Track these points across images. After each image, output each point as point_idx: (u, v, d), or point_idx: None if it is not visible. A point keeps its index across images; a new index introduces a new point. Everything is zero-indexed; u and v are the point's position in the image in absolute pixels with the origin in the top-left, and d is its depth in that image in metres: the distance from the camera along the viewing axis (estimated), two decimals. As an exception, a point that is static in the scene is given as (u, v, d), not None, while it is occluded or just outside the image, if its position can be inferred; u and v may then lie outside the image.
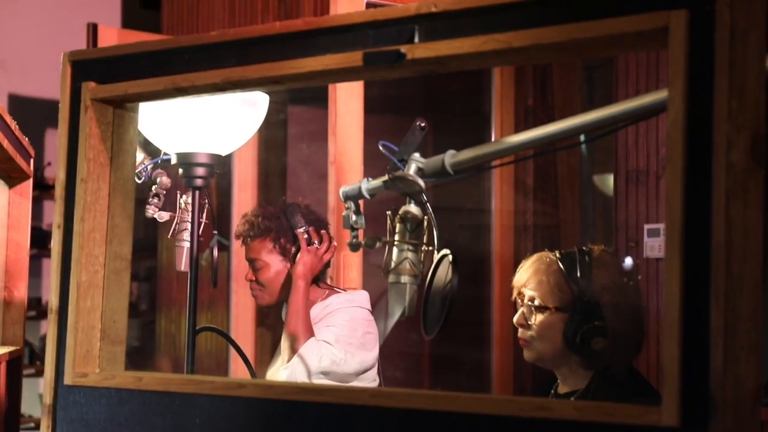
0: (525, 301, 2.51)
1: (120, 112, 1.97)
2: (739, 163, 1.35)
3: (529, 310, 2.50)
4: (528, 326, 2.51)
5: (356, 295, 3.29)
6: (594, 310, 2.42)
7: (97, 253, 1.95)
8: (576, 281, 2.44)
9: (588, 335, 2.41)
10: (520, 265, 2.58)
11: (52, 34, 7.78)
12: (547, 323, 2.47)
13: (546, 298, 2.47)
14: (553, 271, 2.48)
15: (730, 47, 1.35)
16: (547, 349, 2.49)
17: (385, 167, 2.26)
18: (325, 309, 3.23)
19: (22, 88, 7.76)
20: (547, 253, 2.55)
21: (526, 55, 1.57)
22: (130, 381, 1.86)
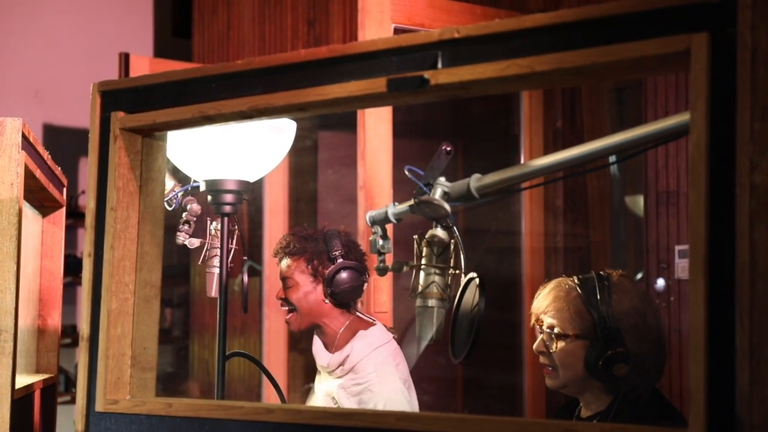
0: (544, 329, 2.50)
1: (148, 141, 2.00)
2: (762, 185, 1.35)
3: (549, 338, 2.49)
4: (548, 354, 2.50)
5: (371, 336, 3.30)
6: (615, 336, 2.41)
7: (127, 281, 1.97)
8: (596, 307, 2.43)
9: (610, 361, 2.40)
10: (538, 291, 2.58)
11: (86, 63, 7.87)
12: (568, 351, 2.46)
13: (566, 326, 2.46)
14: (572, 298, 2.47)
15: (752, 69, 1.36)
16: (569, 376, 2.48)
17: (413, 191, 2.27)
18: (348, 361, 3.25)
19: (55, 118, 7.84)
20: (565, 279, 2.54)
21: (548, 79, 1.58)
22: (160, 407, 1.87)
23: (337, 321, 3.31)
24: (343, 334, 3.30)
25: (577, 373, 2.46)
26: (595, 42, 1.49)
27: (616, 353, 2.40)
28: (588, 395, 2.50)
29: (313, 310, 3.30)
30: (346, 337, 3.30)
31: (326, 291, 3.27)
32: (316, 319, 3.32)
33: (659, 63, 1.48)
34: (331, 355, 3.29)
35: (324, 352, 3.33)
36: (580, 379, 2.47)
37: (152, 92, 1.95)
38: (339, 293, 3.26)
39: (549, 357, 2.50)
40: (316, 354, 3.35)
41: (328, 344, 3.33)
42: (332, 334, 3.31)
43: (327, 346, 3.34)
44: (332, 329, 3.31)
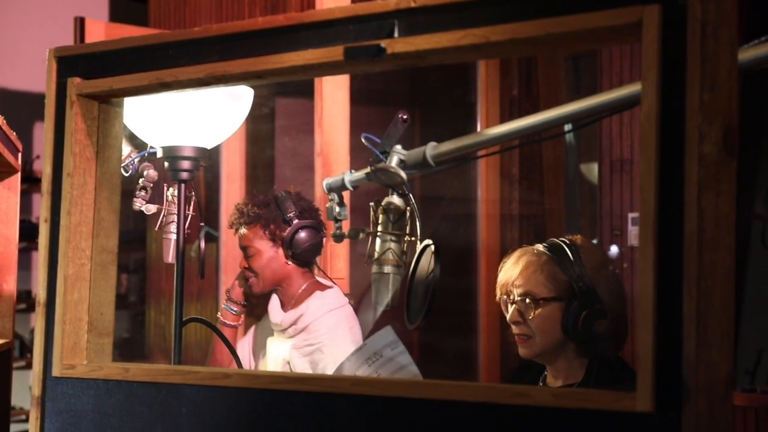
0: (516, 298, 2.49)
1: (105, 107, 1.99)
2: (711, 155, 1.38)
3: (524, 306, 2.48)
4: (524, 322, 2.49)
5: (327, 298, 3.33)
6: (591, 294, 2.42)
7: (84, 247, 1.97)
8: (569, 267, 2.45)
9: (589, 319, 2.41)
10: (502, 263, 2.58)
11: (40, 27, 7.78)
12: (545, 315, 2.46)
13: (541, 290, 2.47)
14: (543, 262, 2.48)
15: (702, 41, 1.38)
16: (547, 342, 2.48)
17: (369, 159, 2.28)
18: (301, 320, 3.27)
19: (9, 82, 7.76)
20: (528, 247, 2.55)
21: (503, 49, 1.59)
22: (117, 372, 1.88)
23: (297, 282, 3.35)
24: (300, 295, 3.33)
25: (555, 337, 2.47)
26: (549, 13, 1.51)
27: (594, 310, 2.41)
28: (561, 362, 2.51)
29: (276, 274, 3.33)
30: (303, 297, 3.33)
31: (287, 253, 3.30)
32: (279, 282, 3.35)
33: (612, 34, 1.50)
34: (285, 313, 3.32)
35: (279, 310, 3.36)
36: (557, 344, 2.48)
37: (109, 58, 1.95)
38: (299, 253, 3.29)
39: (525, 326, 2.49)
40: (270, 311, 3.38)
41: (285, 303, 3.36)
42: (291, 294, 3.35)
43: (283, 305, 3.36)
44: (292, 289, 3.34)
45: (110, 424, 1.87)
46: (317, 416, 1.68)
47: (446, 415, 1.56)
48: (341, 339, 3.26)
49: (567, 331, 2.44)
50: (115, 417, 1.87)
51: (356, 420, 1.65)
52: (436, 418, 1.58)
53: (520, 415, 1.49)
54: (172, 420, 1.80)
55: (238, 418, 1.75)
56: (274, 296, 3.39)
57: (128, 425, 1.85)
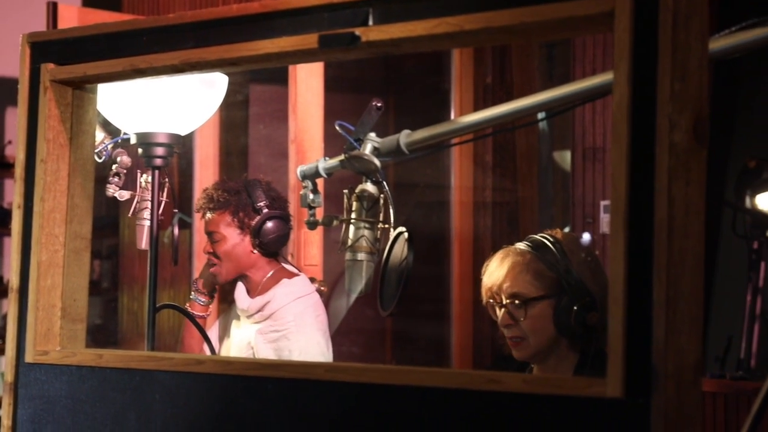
0: (506, 301, 2.46)
1: (79, 93, 1.99)
2: (681, 143, 1.39)
3: (515, 308, 2.45)
4: (516, 324, 2.46)
5: (294, 286, 3.33)
6: (580, 287, 2.41)
7: (57, 233, 1.97)
8: (555, 263, 2.43)
9: (581, 313, 2.39)
10: (485, 266, 2.54)
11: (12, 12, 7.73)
12: (537, 315, 2.44)
13: (530, 290, 2.44)
14: (528, 261, 2.45)
15: (673, 31, 1.39)
16: (541, 342, 2.45)
17: (343, 146, 2.29)
18: (267, 307, 3.27)
19: (-19, 66, 7.70)
20: (510, 247, 2.51)
21: (477, 37, 1.60)
22: (90, 358, 1.89)
23: (263, 270, 3.35)
24: (266, 282, 3.34)
25: (549, 335, 2.44)
26: (523, 2, 1.52)
27: (584, 303, 2.40)
28: (552, 359, 2.48)
29: (241, 261, 3.33)
30: (269, 284, 3.33)
31: (254, 242, 3.30)
32: (244, 270, 3.35)
33: (585, 23, 1.51)
34: (252, 299, 3.32)
35: (245, 296, 3.36)
36: (550, 342, 2.45)
37: (83, 44, 1.94)
38: (267, 243, 3.29)
39: (517, 328, 2.46)
40: (237, 298, 3.38)
41: (251, 290, 3.36)
42: (257, 282, 3.35)
43: (249, 292, 3.37)
44: (258, 277, 3.34)
45: (83, 410, 1.88)
46: (290, 402, 1.69)
47: (419, 402, 1.58)
48: (307, 327, 3.26)
49: (560, 327, 2.42)
50: (88, 403, 1.88)
51: (329, 406, 1.66)
52: (408, 404, 1.59)
53: (492, 401, 1.51)
54: (145, 406, 1.81)
55: (211, 404, 1.76)
56: (240, 283, 3.39)
57: (101, 411, 1.86)
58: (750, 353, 3.98)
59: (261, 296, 3.31)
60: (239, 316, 3.41)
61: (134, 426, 1.82)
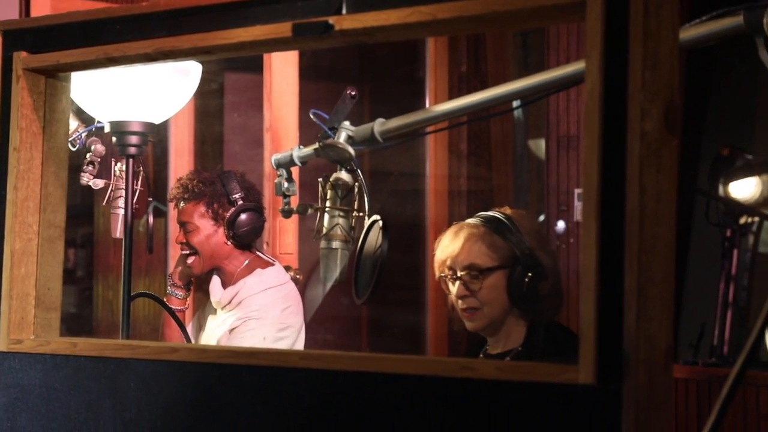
0: (460, 273, 2.52)
1: (52, 82, 1.99)
2: (652, 132, 1.40)
3: (471, 279, 2.51)
4: (471, 295, 2.52)
5: (265, 276, 3.33)
6: (533, 258, 2.47)
7: (31, 222, 1.97)
8: (509, 236, 2.49)
9: (534, 282, 2.46)
10: (438, 241, 2.60)
11: (-16, -1, 7.67)
12: (492, 285, 2.50)
13: (485, 260, 2.50)
14: (482, 233, 2.51)
15: (644, 20, 1.40)
16: (495, 312, 2.52)
17: (318, 135, 2.29)
18: (237, 296, 3.28)
19: (-47, 54, 7.65)
20: (463, 222, 2.58)
21: (450, 26, 1.61)
22: (65, 347, 1.89)
23: (236, 260, 3.34)
24: (240, 272, 3.33)
25: (502, 305, 2.51)
26: (495, -9, 1.53)
27: (537, 272, 2.47)
28: (503, 331, 2.54)
29: (215, 252, 3.32)
30: (242, 274, 3.33)
31: (228, 233, 3.29)
32: (218, 261, 3.34)
33: (557, 12, 1.52)
34: (224, 290, 3.32)
35: (218, 288, 3.36)
36: (503, 312, 2.52)
37: (56, 32, 1.94)
38: (240, 235, 3.29)
39: (472, 298, 2.52)
40: (211, 290, 3.38)
41: (225, 282, 3.36)
42: (231, 273, 3.34)
43: (223, 284, 3.36)
44: (231, 268, 3.34)
45: (58, 399, 1.88)
46: (265, 390, 1.69)
47: (393, 389, 1.59)
48: (268, 320, 3.25)
49: (513, 296, 2.49)
50: (62, 391, 1.88)
51: (304, 393, 1.67)
52: (382, 391, 1.60)
53: (465, 388, 1.52)
54: (120, 394, 1.81)
55: (186, 392, 1.76)
56: (215, 276, 3.39)
57: (76, 399, 1.86)
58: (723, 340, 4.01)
59: (232, 286, 3.31)
60: (215, 309, 3.41)
61: (109, 414, 1.82)
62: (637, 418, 1.37)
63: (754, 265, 4.12)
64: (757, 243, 4.14)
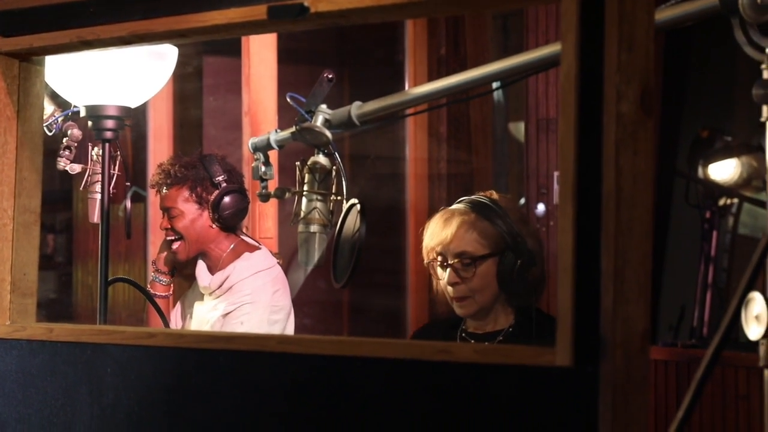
0: (453, 260, 2.50)
1: (26, 66, 1.97)
2: (628, 114, 1.40)
3: (463, 267, 2.50)
4: (463, 282, 2.51)
5: (254, 260, 3.32)
6: (522, 244, 2.48)
7: (6, 207, 1.96)
8: (499, 223, 2.49)
9: (523, 269, 2.47)
10: (426, 227, 2.58)
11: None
12: (484, 272, 2.49)
13: (477, 248, 2.49)
14: (473, 220, 2.50)
15: (620, 1, 1.40)
16: (486, 298, 2.52)
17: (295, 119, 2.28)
18: (227, 281, 3.27)
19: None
20: (452, 208, 2.56)
21: (426, 8, 1.61)
22: (41, 332, 1.88)
23: (222, 244, 3.33)
24: (227, 257, 3.32)
25: (493, 292, 2.51)
26: (471, -28, 1.52)
27: (526, 259, 2.47)
28: (491, 315, 2.55)
29: (200, 236, 3.31)
30: (230, 259, 3.32)
31: (213, 216, 3.28)
32: (203, 246, 3.33)
33: (533, -6, 1.52)
34: (212, 276, 3.31)
35: (206, 273, 3.35)
36: (493, 298, 2.52)
37: (29, 15, 1.92)
38: (226, 217, 3.28)
39: (463, 286, 2.51)
40: (198, 276, 3.36)
41: (212, 267, 3.35)
42: (217, 258, 3.33)
43: (210, 269, 3.35)
44: (217, 252, 3.33)
45: (34, 384, 1.87)
46: (243, 375, 1.69)
47: (370, 373, 1.59)
48: (261, 303, 3.26)
49: (503, 283, 2.49)
50: (39, 377, 1.87)
51: (282, 378, 1.67)
52: (361, 375, 1.60)
53: (443, 371, 1.52)
54: (97, 379, 1.81)
55: (163, 377, 1.76)
56: (200, 262, 3.37)
57: (53, 385, 1.85)
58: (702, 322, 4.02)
59: (221, 271, 3.29)
60: (202, 294, 3.40)
61: (86, 400, 1.82)
62: (615, 400, 1.37)
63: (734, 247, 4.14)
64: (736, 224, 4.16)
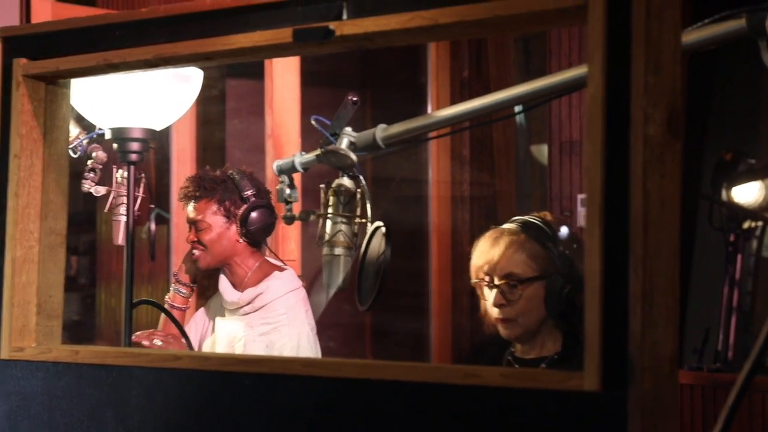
0: (499, 281, 2.46)
1: (52, 88, 1.98)
2: (655, 137, 1.40)
3: (509, 288, 2.45)
4: (508, 305, 2.46)
5: (286, 279, 3.32)
6: (571, 267, 2.42)
7: (32, 229, 1.96)
8: (549, 245, 2.44)
9: (572, 294, 2.40)
10: (475, 245, 2.53)
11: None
12: (531, 295, 2.45)
13: (525, 270, 2.45)
14: (522, 241, 2.45)
15: (646, 23, 1.40)
16: (532, 321, 2.47)
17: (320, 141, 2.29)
18: (259, 299, 3.26)
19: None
20: (503, 227, 2.51)
21: (451, 31, 1.60)
22: (66, 354, 1.88)
23: (248, 261, 3.33)
24: (254, 274, 3.32)
25: (539, 315, 2.46)
26: (497, -5, 1.52)
27: (575, 283, 2.40)
28: (538, 339, 2.50)
29: (226, 250, 3.31)
30: (258, 276, 3.32)
31: (241, 231, 3.28)
32: (228, 259, 3.32)
33: (559, 16, 1.51)
34: (241, 293, 3.31)
35: (232, 290, 3.34)
36: (539, 322, 2.47)
37: (56, 39, 1.93)
38: (254, 232, 3.28)
39: (509, 308, 2.47)
40: (223, 291, 3.36)
41: (236, 284, 3.34)
42: (242, 274, 3.33)
43: (234, 286, 3.35)
44: (243, 269, 3.33)
45: (60, 407, 1.87)
46: (268, 398, 1.68)
47: (397, 396, 1.58)
48: (298, 321, 3.26)
49: (551, 308, 2.43)
50: (64, 399, 1.87)
51: (307, 401, 1.66)
52: (387, 399, 1.59)
53: (470, 395, 1.51)
54: (122, 402, 1.80)
55: (188, 400, 1.75)
56: (223, 277, 3.37)
57: (78, 408, 1.85)
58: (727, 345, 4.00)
59: (252, 288, 3.29)
60: (223, 310, 3.40)
61: (111, 422, 1.81)
62: (643, 426, 1.36)
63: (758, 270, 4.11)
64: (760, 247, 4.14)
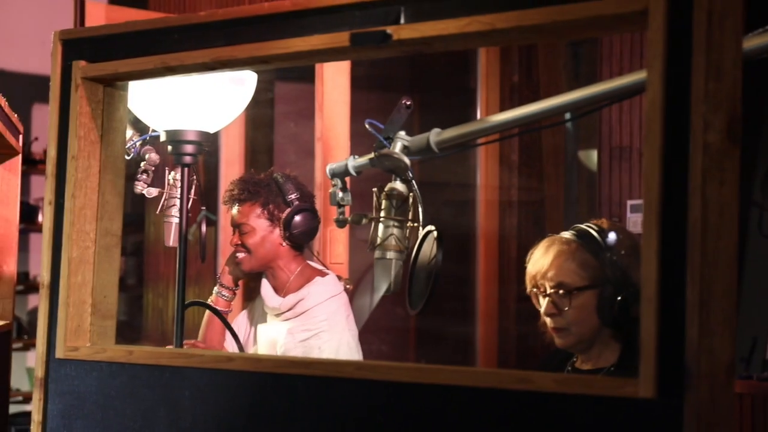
0: (550, 290, 2.45)
1: (110, 91, 2.00)
2: (715, 143, 1.39)
3: (559, 297, 2.44)
4: (560, 314, 2.44)
5: (328, 285, 3.32)
6: (625, 277, 2.38)
7: (88, 230, 1.98)
8: (600, 254, 2.41)
9: (625, 304, 2.36)
10: (529, 254, 2.51)
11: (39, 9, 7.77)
12: (581, 305, 2.42)
13: (575, 280, 2.42)
14: (574, 250, 2.43)
15: (708, 30, 1.39)
16: (584, 331, 2.44)
17: (371, 144, 2.29)
18: (300, 304, 3.27)
19: (7, 64, 7.74)
20: (556, 236, 2.49)
21: (508, 36, 1.60)
22: (120, 354, 1.90)
23: (290, 265, 3.34)
24: (295, 279, 3.33)
25: (592, 325, 2.43)
26: (555, 0, 1.52)
27: (629, 293, 2.37)
28: (595, 348, 2.48)
29: (269, 253, 3.32)
30: (299, 282, 3.32)
31: (284, 234, 3.29)
32: (271, 262, 3.33)
33: (617, 22, 1.51)
34: (282, 298, 3.31)
35: (273, 294, 3.35)
36: (593, 332, 2.44)
37: (114, 42, 1.95)
38: (297, 235, 3.29)
39: (560, 318, 2.45)
40: (265, 296, 3.37)
41: (278, 288, 3.35)
42: (284, 279, 3.33)
43: (276, 290, 3.35)
44: (285, 273, 3.33)
45: (113, 406, 1.89)
46: (320, 400, 1.69)
47: (448, 401, 1.58)
48: (339, 327, 3.26)
49: (604, 318, 2.41)
50: (118, 399, 1.88)
51: (358, 404, 1.66)
52: (438, 403, 1.59)
53: (523, 401, 1.51)
54: (175, 402, 1.82)
55: (240, 402, 1.76)
56: (265, 281, 3.38)
57: (131, 407, 1.87)
58: (776, 354, 3.97)
59: (294, 294, 3.29)
60: (265, 314, 3.41)
61: (164, 422, 1.83)
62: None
63: (809, 279, 4.07)
64: (811, 256, 4.10)
